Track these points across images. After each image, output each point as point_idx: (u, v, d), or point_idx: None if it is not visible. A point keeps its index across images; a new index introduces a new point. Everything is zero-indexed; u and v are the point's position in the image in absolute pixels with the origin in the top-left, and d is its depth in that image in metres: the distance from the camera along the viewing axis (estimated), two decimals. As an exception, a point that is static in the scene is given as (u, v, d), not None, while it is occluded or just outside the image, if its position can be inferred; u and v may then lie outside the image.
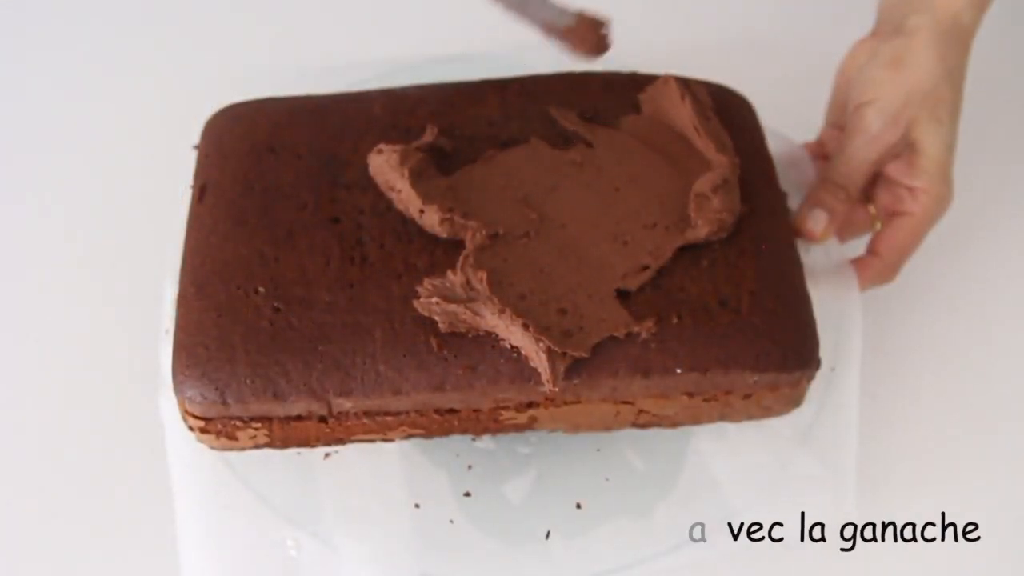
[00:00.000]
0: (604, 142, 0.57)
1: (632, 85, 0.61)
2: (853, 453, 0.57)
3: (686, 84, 0.58)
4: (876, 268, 0.62)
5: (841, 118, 0.64)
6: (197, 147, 0.60)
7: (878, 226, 0.63)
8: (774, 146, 0.61)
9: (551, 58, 0.62)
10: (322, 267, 0.53)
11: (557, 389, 0.50)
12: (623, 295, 0.52)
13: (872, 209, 0.63)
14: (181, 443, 0.56)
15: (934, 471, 0.62)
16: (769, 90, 0.63)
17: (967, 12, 0.59)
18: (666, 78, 0.59)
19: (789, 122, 0.64)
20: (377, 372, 0.51)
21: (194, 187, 0.58)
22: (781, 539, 0.55)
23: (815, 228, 0.60)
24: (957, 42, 0.60)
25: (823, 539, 0.56)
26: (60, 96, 0.80)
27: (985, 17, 0.61)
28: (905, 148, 0.60)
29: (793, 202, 0.61)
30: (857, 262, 0.62)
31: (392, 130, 0.59)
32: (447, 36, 0.80)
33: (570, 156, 0.57)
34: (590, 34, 0.51)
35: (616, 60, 0.57)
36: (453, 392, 0.51)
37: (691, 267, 0.53)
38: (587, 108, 0.60)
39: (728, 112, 0.60)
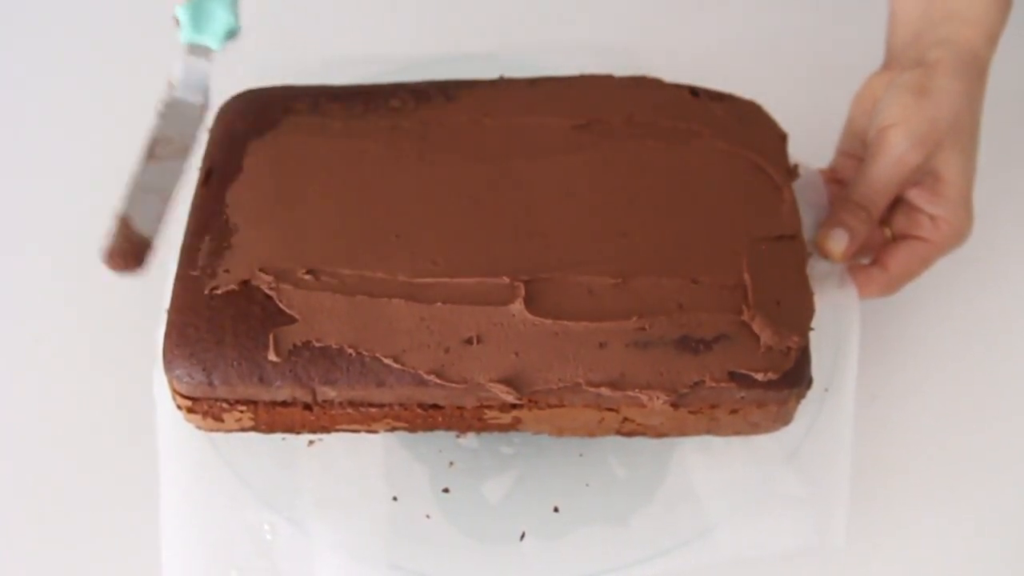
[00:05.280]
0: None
1: (643, 87, 0.61)
2: (844, 477, 0.57)
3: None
4: (881, 282, 0.61)
5: (855, 146, 0.64)
6: (209, 131, 0.61)
7: (888, 233, 0.62)
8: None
9: (564, 60, 0.63)
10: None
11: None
12: None
13: (888, 232, 0.63)
14: (170, 420, 0.56)
15: (933, 475, 0.62)
16: (778, 106, 0.62)
17: (985, 47, 0.60)
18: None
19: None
20: (362, 363, 0.51)
21: (201, 169, 0.59)
22: (758, 556, 0.55)
23: (836, 248, 0.59)
24: (976, 75, 0.60)
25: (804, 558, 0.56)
26: (76, 76, 0.81)
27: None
28: (927, 176, 0.59)
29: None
30: (861, 271, 0.61)
31: (405, 120, 0.59)
32: (463, 34, 0.80)
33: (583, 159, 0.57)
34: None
35: (623, 63, 0.57)
36: (436, 388, 0.52)
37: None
38: (600, 110, 0.60)
39: (753, 131, 0.60)
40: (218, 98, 0.62)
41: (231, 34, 0.56)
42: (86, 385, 0.65)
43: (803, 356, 0.53)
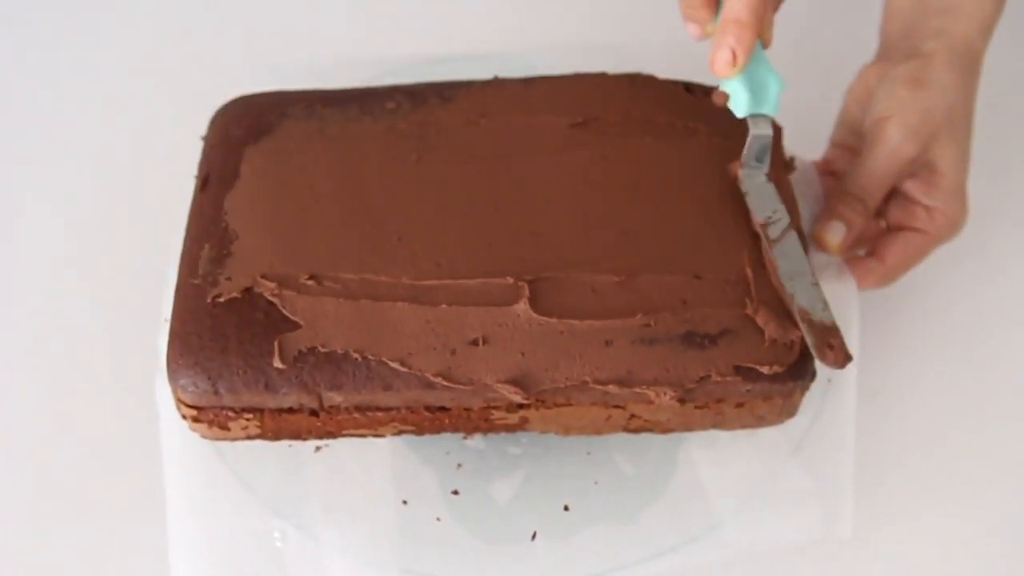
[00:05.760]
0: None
1: (638, 84, 0.61)
2: (848, 468, 0.57)
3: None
4: (879, 273, 0.62)
5: (848, 138, 0.64)
6: (205, 138, 0.61)
7: (883, 224, 0.63)
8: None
9: (556, 59, 0.63)
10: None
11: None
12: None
13: (883, 224, 0.63)
14: (175, 430, 0.56)
15: (935, 469, 0.62)
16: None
17: (978, 40, 0.60)
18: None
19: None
20: (368, 367, 0.51)
21: (198, 176, 0.59)
22: (766, 551, 0.55)
23: (833, 241, 0.60)
24: (970, 67, 0.60)
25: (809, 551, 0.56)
26: (71, 86, 0.81)
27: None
28: (922, 167, 0.60)
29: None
30: (859, 263, 0.62)
31: (402, 122, 0.59)
32: (457, 35, 0.80)
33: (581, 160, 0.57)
34: (838, 344, 0.50)
35: (616, 62, 0.57)
36: (443, 390, 0.51)
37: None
38: (597, 108, 0.60)
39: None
40: (212, 102, 0.62)
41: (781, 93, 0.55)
42: (88, 392, 0.64)
43: (806, 349, 0.54)
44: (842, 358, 0.49)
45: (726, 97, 0.55)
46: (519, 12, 0.82)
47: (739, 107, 0.54)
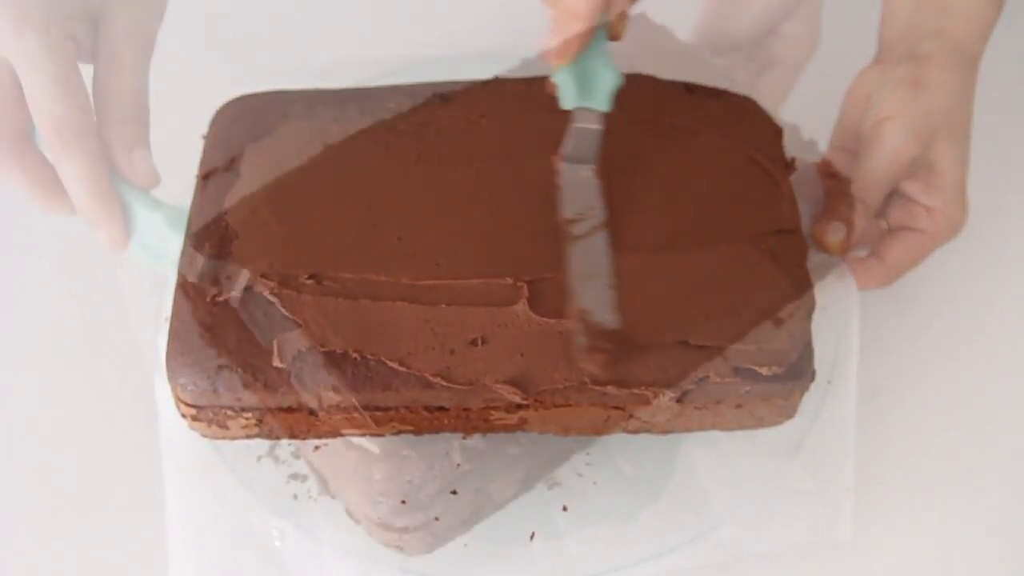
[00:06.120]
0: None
1: (639, 84, 0.61)
2: (848, 469, 0.57)
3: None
4: (878, 273, 0.62)
5: (848, 141, 0.64)
6: (205, 137, 0.61)
7: (884, 225, 0.63)
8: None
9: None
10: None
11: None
12: None
13: (884, 224, 0.63)
14: (174, 429, 0.56)
15: (936, 469, 0.62)
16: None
17: (977, 40, 0.60)
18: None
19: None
20: (367, 367, 0.51)
21: (198, 175, 0.59)
22: (766, 551, 0.55)
23: (834, 241, 0.60)
24: (969, 67, 0.60)
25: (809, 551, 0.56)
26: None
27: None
28: (922, 168, 0.60)
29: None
30: (859, 263, 0.62)
31: (402, 122, 0.59)
32: (457, 35, 0.80)
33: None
34: (607, 348, 0.50)
35: (620, 61, 0.57)
36: (442, 390, 0.51)
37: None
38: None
39: (750, 126, 0.60)
40: (213, 102, 0.62)
41: (616, 90, 0.52)
42: (88, 392, 0.64)
43: (806, 350, 0.54)
44: (606, 365, 0.50)
45: (555, 87, 0.53)
46: (519, 12, 0.82)
47: (566, 99, 0.53)
